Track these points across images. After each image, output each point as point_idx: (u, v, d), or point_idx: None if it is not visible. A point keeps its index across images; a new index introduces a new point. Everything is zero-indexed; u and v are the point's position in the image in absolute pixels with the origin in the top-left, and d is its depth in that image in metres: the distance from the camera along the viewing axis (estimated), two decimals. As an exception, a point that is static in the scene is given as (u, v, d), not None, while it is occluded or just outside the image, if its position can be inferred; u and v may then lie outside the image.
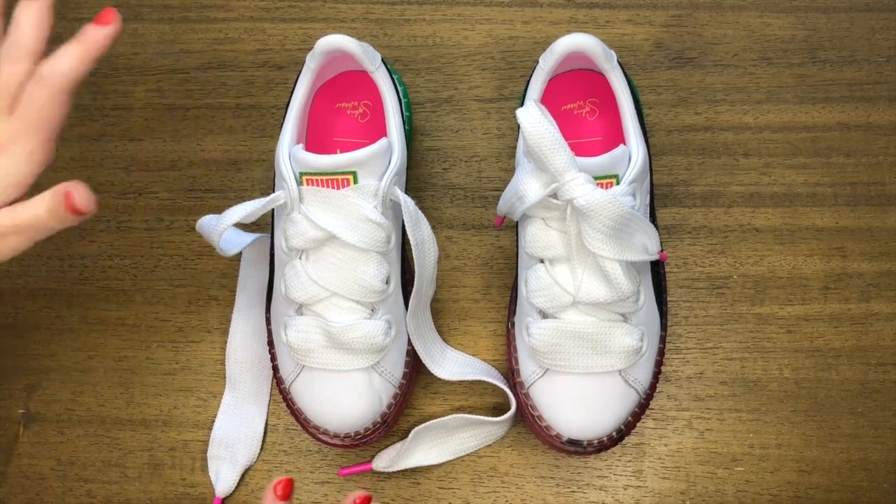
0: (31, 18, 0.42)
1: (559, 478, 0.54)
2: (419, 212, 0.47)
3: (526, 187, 0.45)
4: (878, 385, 0.54)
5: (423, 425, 0.51)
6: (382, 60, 0.52)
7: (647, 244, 0.46)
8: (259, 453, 0.55)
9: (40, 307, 0.58)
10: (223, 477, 0.54)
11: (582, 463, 0.54)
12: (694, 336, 0.55)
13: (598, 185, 0.44)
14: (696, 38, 0.60)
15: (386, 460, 0.53)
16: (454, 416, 0.52)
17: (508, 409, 0.52)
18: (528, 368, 0.50)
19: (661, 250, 0.47)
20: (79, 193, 0.41)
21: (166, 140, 0.60)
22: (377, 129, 0.54)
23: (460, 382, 0.55)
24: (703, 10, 0.61)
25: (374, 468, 0.53)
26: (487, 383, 0.54)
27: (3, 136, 0.42)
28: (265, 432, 0.55)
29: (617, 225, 0.44)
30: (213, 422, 0.55)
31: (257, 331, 0.55)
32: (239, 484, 0.54)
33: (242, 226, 0.56)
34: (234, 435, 0.54)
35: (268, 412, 0.55)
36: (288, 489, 0.42)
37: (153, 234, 0.59)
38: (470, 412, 0.54)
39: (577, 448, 0.49)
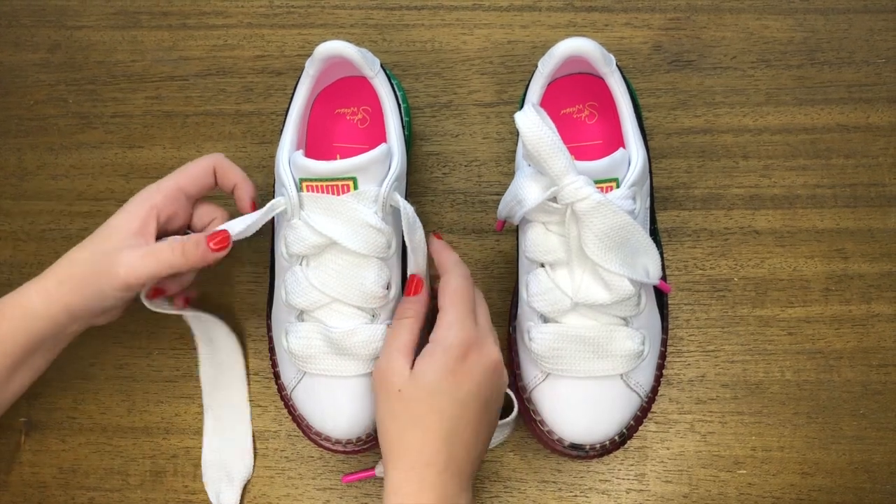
0: None
1: (561, 482, 0.54)
2: (417, 219, 0.47)
3: (525, 191, 0.45)
4: (880, 386, 0.54)
5: None
6: (381, 66, 0.52)
7: (648, 268, 0.46)
8: (253, 465, 0.54)
9: (41, 315, 0.58)
10: (225, 497, 0.54)
11: (584, 467, 0.54)
12: (695, 339, 0.55)
13: (598, 188, 0.44)
14: (695, 40, 0.60)
15: None
16: None
17: (510, 413, 0.51)
18: (529, 373, 0.50)
19: (663, 277, 0.48)
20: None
21: (166, 147, 0.60)
22: (377, 135, 0.54)
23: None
24: (702, 12, 0.61)
25: (376, 474, 0.53)
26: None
27: None
28: (254, 442, 0.55)
29: (617, 236, 0.44)
30: (214, 429, 0.55)
31: (218, 348, 0.55)
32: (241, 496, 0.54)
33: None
34: (224, 455, 0.54)
35: (251, 421, 0.55)
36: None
37: (153, 241, 0.59)
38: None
39: (579, 452, 0.49)
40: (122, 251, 0.46)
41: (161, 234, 0.49)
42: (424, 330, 0.47)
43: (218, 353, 0.55)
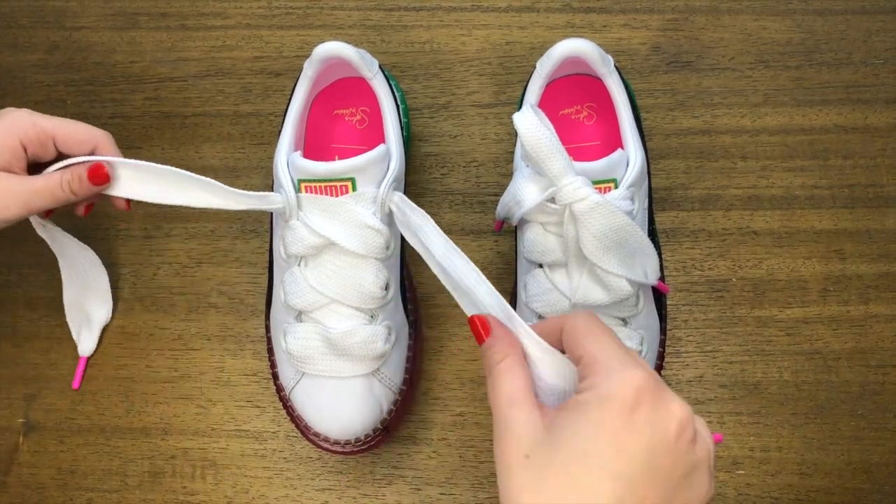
0: None
1: (560, 482, 0.54)
2: (407, 221, 0.46)
3: (524, 192, 0.46)
4: (878, 387, 0.54)
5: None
6: (380, 67, 0.52)
7: (646, 268, 0.46)
8: (112, 311, 0.57)
9: (39, 316, 0.58)
10: (83, 338, 0.56)
11: (583, 467, 0.54)
12: (694, 339, 0.55)
13: (596, 189, 0.44)
14: (693, 41, 0.60)
15: None
16: None
17: None
18: (528, 373, 0.50)
19: (662, 278, 0.47)
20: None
21: (164, 148, 0.60)
22: (375, 136, 0.54)
23: (461, 388, 0.55)
24: (700, 13, 0.61)
25: None
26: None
27: None
28: (113, 296, 0.57)
29: (615, 236, 0.44)
30: (212, 429, 0.55)
31: (71, 254, 0.55)
32: (239, 490, 0.54)
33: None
34: (83, 300, 0.56)
35: (108, 283, 0.57)
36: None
37: (152, 241, 0.59)
38: (471, 418, 0.54)
39: (577, 453, 0.48)
40: (8, 185, 0.44)
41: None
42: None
43: (76, 258, 0.55)
